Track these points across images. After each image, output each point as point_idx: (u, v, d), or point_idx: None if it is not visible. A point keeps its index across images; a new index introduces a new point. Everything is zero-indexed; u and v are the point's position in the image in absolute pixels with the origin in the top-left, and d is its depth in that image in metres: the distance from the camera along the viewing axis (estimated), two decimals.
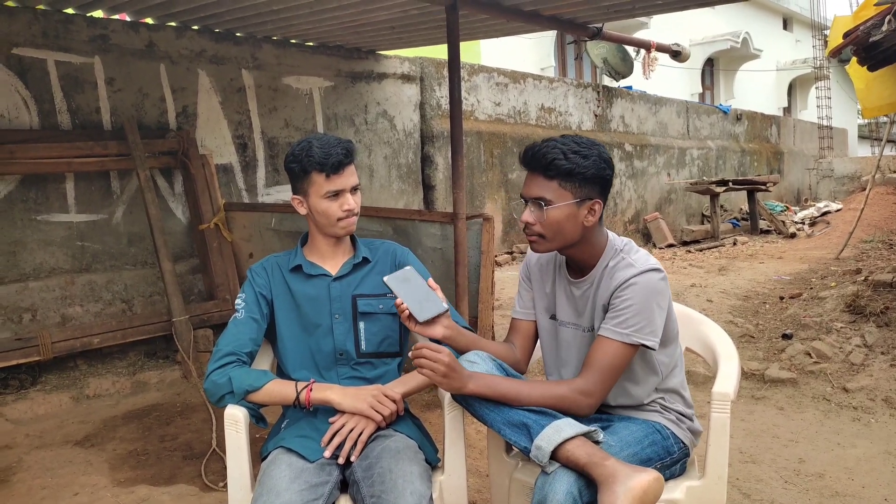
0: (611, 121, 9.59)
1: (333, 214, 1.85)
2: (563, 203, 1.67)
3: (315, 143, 1.83)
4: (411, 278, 1.77)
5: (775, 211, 11.41)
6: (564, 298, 1.84)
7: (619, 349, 1.66)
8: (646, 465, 1.66)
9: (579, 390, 1.65)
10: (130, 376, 4.12)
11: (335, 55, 5.61)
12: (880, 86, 5.67)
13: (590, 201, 1.69)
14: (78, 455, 3.15)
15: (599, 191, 1.70)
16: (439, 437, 1.91)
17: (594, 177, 1.67)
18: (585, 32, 4.55)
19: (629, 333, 1.65)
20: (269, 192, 5.27)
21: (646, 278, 1.67)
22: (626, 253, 1.74)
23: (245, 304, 1.90)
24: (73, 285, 4.27)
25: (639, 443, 1.71)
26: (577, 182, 1.67)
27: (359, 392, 1.78)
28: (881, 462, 2.86)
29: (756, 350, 4.31)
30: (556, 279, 1.87)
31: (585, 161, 1.65)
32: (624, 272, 1.69)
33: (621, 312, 1.66)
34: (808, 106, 19.12)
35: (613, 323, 1.67)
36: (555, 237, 1.71)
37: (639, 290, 1.66)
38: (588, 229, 1.71)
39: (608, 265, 1.74)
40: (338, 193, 1.84)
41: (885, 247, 7.75)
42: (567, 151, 1.65)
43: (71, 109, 4.25)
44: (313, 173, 1.82)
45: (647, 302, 1.66)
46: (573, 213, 1.68)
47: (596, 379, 1.66)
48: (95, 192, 4.36)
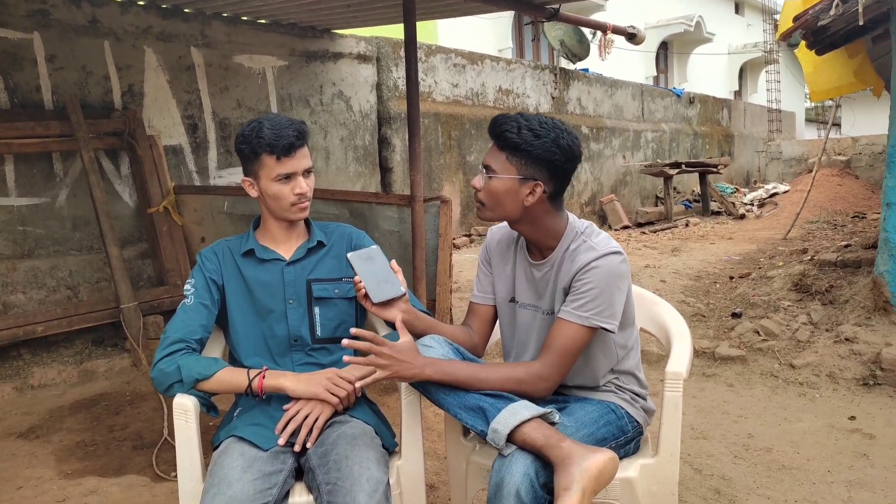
0: (568, 103, 9.64)
1: (285, 198, 1.80)
2: (505, 175, 1.67)
3: (266, 123, 1.77)
4: (375, 257, 1.74)
5: (726, 193, 11.68)
6: (525, 280, 1.84)
7: (578, 332, 1.66)
8: (601, 444, 1.68)
9: (537, 374, 1.66)
10: (77, 365, 3.99)
11: (289, 34, 5.48)
12: (828, 69, 5.82)
13: (532, 181, 1.66)
14: (21, 448, 3.04)
15: (546, 175, 1.67)
16: (396, 421, 1.89)
17: (541, 158, 1.65)
18: (542, 14, 4.53)
19: (589, 317, 1.65)
20: (222, 174, 5.14)
21: (607, 261, 1.66)
22: (587, 236, 1.73)
23: (195, 289, 1.84)
24: (14, 272, 4.10)
25: (594, 423, 1.72)
26: (523, 159, 1.65)
27: (313, 377, 1.75)
28: (825, 435, 2.96)
29: (707, 329, 4.41)
30: (515, 261, 1.86)
31: (535, 140, 1.63)
32: (585, 255, 1.68)
33: (582, 295, 1.65)
34: (759, 89, 19.57)
35: (574, 306, 1.66)
36: (493, 207, 1.72)
37: (600, 273, 1.65)
38: (531, 210, 1.70)
39: (569, 248, 1.73)
40: (289, 176, 1.79)
41: (830, 227, 8.02)
42: (522, 127, 1.64)
43: (9, 88, 4.06)
44: (264, 155, 1.77)
45: (608, 285, 1.65)
46: (514, 189, 1.67)
47: (553, 361, 1.66)
48: (37, 175, 4.18)
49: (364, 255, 1.74)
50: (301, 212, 1.85)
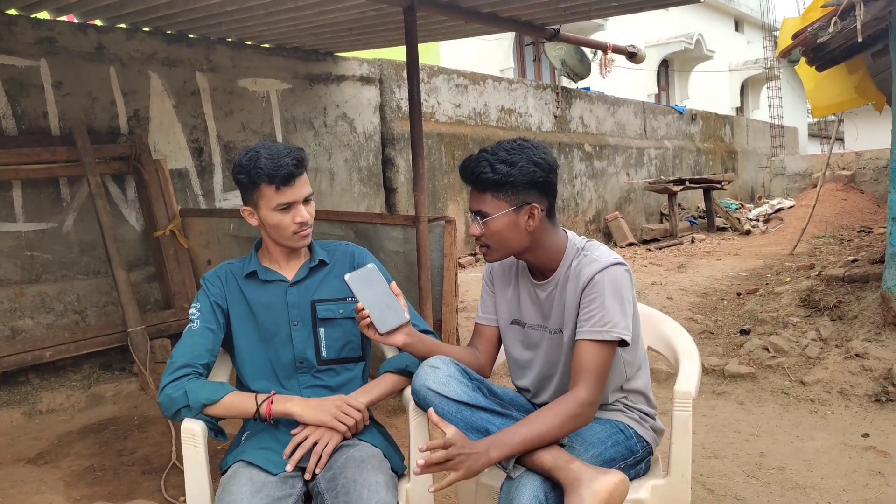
0: (570, 121, 9.68)
1: (286, 227, 1.79)
2: (499, 213, 1.66)
3: (263, 153, 1.74)
4: (374, 280, 1.69)
5: (731, 209, 11.67)
6: (529, 302, 1.83)
7: (602, 349, 1.64)
8: (610, 465, 1.66)
9: (585, 403, 1.60)
10: (85, 390, 3.99)
11: (292, 57, 5.54)
12: (829, 85, 5.84)
13: (527, 206, 1.67)
14: (30, 473, 3.03)
15: (537, 194, 1.67)
16: (405, 443, 1.88)
17: (526, 183, 1.65)
18: (543, 34, 4.57)
19: (607, 330, 1.63)
20: (227, 196, 5.17)
21: (611, 273, 1.66)
22: (587, 251, 1.73)
23: (200, 313, 1.83)
24: (22, 297, 4.11)
25: (602, 443, 1.71)
26: (509, 190, 1.65)
27: (321, 403, 1.73)
28: (838, 453, 2.92)
29: (715, 346, 4.38)
30: (518, 283, 1.85)
31: (512, 169, 1.63)
32: (589, 269, 1.67)
33: (594, 312, 1.64)
34: (761, 105, 19.63)
35: (590, 325, 1.64)
36: (501, 246, 1.71)
37: (605, 286, 1.65)
38: (535, 234, 1.70)
39: (571, 265, 1.72)
40: (290, 206, 1.77)
41: (836, 242, 8.00)
42: (494, 162, 1.64)
43: (16, 114, 4.10)
44: (262, 185, 1.75)
45: (616, 296, 1.65)
46: (513, 221, 1.67)
47: (592, 384, 1.62)
48: (44, 200, 4.21)
49: (363, 277, 1.68)
50: (302, 239, 1.84)
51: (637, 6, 4.28)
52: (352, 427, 1.72)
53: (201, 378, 1.77)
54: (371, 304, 1.66)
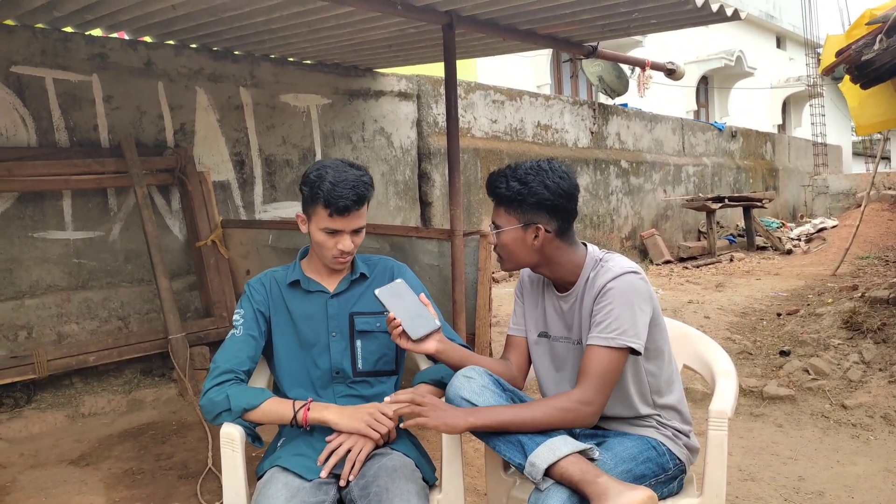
0: (607, 138, 9.64)
1: (328, 250, 1.84)
2: (508, 228, 1.75)
3: (330, 174, 1.77)
4: (403, 293, 1.76)
5: (771, 227, 11.45)
6: (554, 314, 1.86)
7: (608, 355, 1.66)
8: (640, 481, 1.66)
9: (579, 400, 1.64)
10: (126, 394, 4.10)
11: (332, 73, 5.65)
12: (873, 103, 5.72)
13: (533, 226, 1.73)
14: (73, 474, 3.12)
15: (545, 216, 1.73)
16: (437, 455, 1.90)
17: (534, 203, 1.71)
18: (581, 51, 4.58)
19: (614, 337, 1.65)
20: (267, 208, 5.28)
21: (622, 281, 1.69)
22: (604, 262, 1.78)
23: (243, 320, 1.88)
24: (69, 303, 4.25)
25: (633, 459, 1.70)
26: (519, 208, 1.73)
27: (356, 411, 1.76)
28: (881, 480, 2.84)
29: (754, 367, 4.30)
30: (544, 296, 1.90)
31: (524, 188, 1.70)
32: (602, 278, 1.72)
33: (603, 318, 1.68)
34: (803, 123, 19.27)
35: (598, 330, 1.68)
36: (509, 259, 1.79)
37: (617, 293, 1.68)
38: (544, 252, 1.76)
39: (589, 276, 1.77)
40: (337, 232, 1.82)
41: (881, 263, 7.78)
42: (510, 179, 1.72)
43: (69, 127, 4.26)
44: (319, 206, 1.79)
45: (627, 304, 1.67)
46: (520, 237, 1.75)
47: (592, 386, 1.65)
48: (92, 210, 4.36)
49: (392, 290, 1.76)
50: (340, 265, 1.88)
51: (677, 23, 4.26)
52: (384, 435, 1.75)
53: (242, 384, 1.81)
54: (402, 314, 1.72)
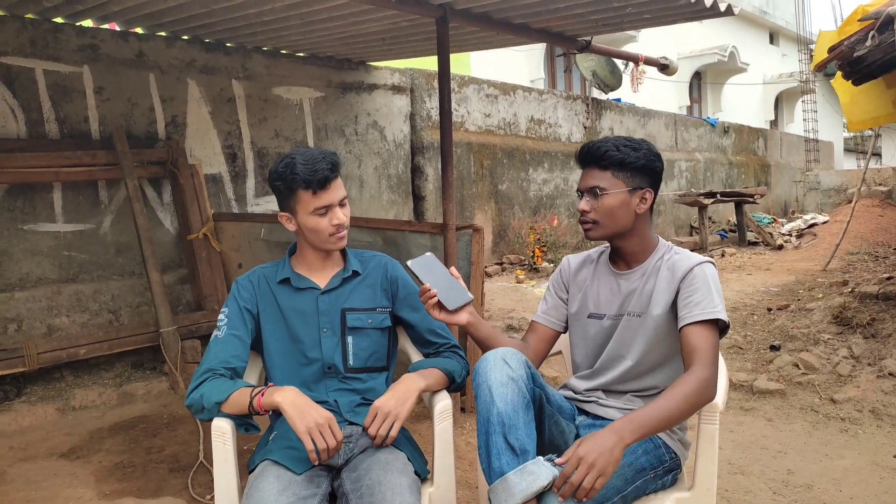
0: (600, 133, 9.65)
1: (324, 230, 1.83)
2: (616, 190, 1.80)
3: (298, 159, 1.78)
4: (434, 264, 1.80)
5: (763, 223, 11.50)
6: (608, 293, 1.90)
7: (710, 330, 1.70)
8: (642, 473, 1.71)
9: (708, 381, 1.64)
10: (117, 388, 4.08)
11: (326, 66, 5.62)
12: (865, 100, 5.74)
13: (641, 190, 1.81)
14: (63, 467, 3.11)
15: (650, 181, 1.82)
16: (428, 448, 1.90)
17: (644, 167, 1.80)
18: (574, 45, 4.58)
19: (713, 311, 1.71)
20: (259, 202, 5.26)
21: (707, 268, 1.79)
22: (677, 250, 1.86)
23: (227, 319, 1.87)
24: (59, 295, 4.23)
25: (632, 452, 1.71)
26: (629, 172, 1.80)
27: (310, 411, 1.64)
28: (869, 473, 2.87)
29: (744, 361, 4.33)
30: (595, 276, 1.94)
31: (636, 153, 1.79)
32: (687, 262, 1.79)
33: (700, 298, 1.73)
34: (795, 119, 19.33)
35: (697, 309, 1.72)
36: (608, 223, 1.82)
37: (706, 276, 1.76)
38: (639, 218, 1.83)
39: (663, 257, 1.84)
40: (327, 209, 1.81)
41: (871, 259, 7.83)
42: (619, 145, 1.80)
43: (59, 118, 4.23)
44: (300, 191, 1.79)
45: (714, 286, 1.75)
46: (626, 201, 1.80)
47: (707, 362, 1.66)
48: (83, 202, 4.33)
49: (423, 262, 1.79)
50: (339, 241, 1.88)
51: (670, 18, 4.26)
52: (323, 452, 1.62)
53: (220, 378, 1.77)
54: (437, 285, 1.75)
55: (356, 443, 1.80)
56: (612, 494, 1.63)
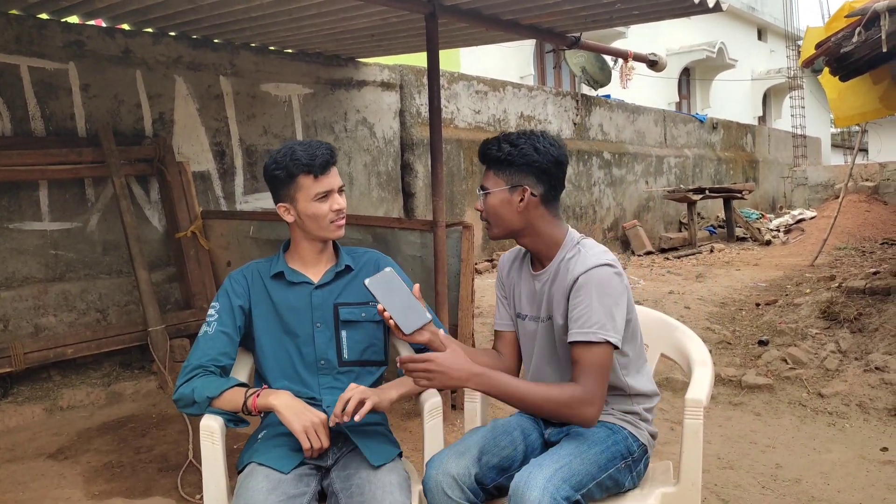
0: (590, 129, 9.66)
1: (324, 216, 1.84)
2: (496, 189, 1.77)
3: (297, 147, 1.83)
4: (393, 283, 1.71)
5: (751, 218, 11.56)
6: (526, 292, 1.88)
7: (596, 350, 1.65)
8: (613, 462, 1.72)
9: (580, 399, 1.63)
10: (105, 387, 4.05)
11: (314, 62, 5.60)
12: (852, 96, 5.78)
13: (520, 188, 1.75)
14: (51, 468, 3.09)
15: (533, 179, 1.75)
16: (419, 445, 1.90)
17: (522, 164, 1.74)
18: (564, 42, 4.58)
19: (595, 331, 1.65)
20: (248, 199, 5.23)
21: (598, 274, 1.69)
22: (582, 246, 1.78)
23: (217, 315, 1.86)
24: (46, 294, 4.19)
25: (604, 441, 1.74)
26: (507, 170, 1.75)
27: (304, 412, 1.71)
28: (856, 467, 2.90)
29: (733, 356, 4.35)
30: (521, 277, 1.91)
31: (514, 149, 1.73)
32: (578, 267, 1.71)
33: (581, 313, 1.67)
34: (783, 115, 19.43)
35: (577, 326, 1.67)
36: (496, 223, 1.80)
37: (593, 287, 1.68)
38: (528, 217, 1.77)
39: (565, 257, 1.78)
40: (327, 194, 1.83)
41: (858, 253, 7.90)
42: (501, 142, 1.76)
43: (45, 116, 4.19)
44: (300, 176, 1.81)
45: (603, 298, 1.67)
46: (507, 199, 1.76)
47: (590, 382, 1.64)
48: (69, 200, 4.29)
49: (382, 281, 1.69)
50: (339, 229, 1.89)
51: (658, 14, 4.27)
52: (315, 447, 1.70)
53: (212, 375, 1.80)
54: (393, 308, 1.67)
55: (345, 442, 1.80)
56: (587, 481, 1.64)
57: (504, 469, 1.74)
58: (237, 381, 1.81)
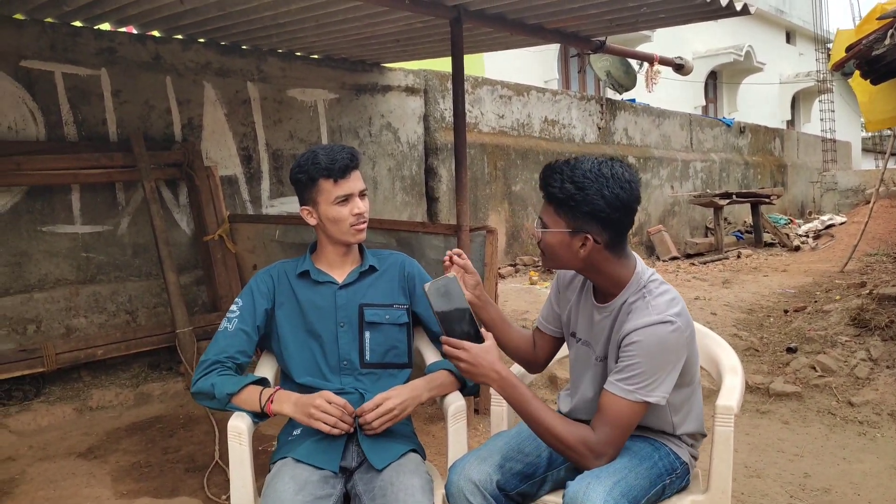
0: (614, 133, 9.61)
1: (345, 220, 1.87)
2: (556, 230, 1.62)
3: (320, 151, 1.86)
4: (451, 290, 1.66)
5: (779, 224, 11.39)
6: (585, 318, 1.79)
7: (627, 406, 1.58)
8: (661, 479, 1.69)
9: (591, 449, 1.59)
10: (134, 388, 4.12)
11: (340, 68, 5.65)
12: (883, 99, 5.68)
13: (582, 234, 1.59)
14: (81, 467, 3.15)
15: (598, 226, 1.58)
16: (442, 450, 1.90)
17: (587, 212, 1.57)
18: (588, 46, 4.56)
19: (633, 391, 1.57)
20: (274, 203, 5.29)
21: (655, 332, 1.56)
22: (648, 292, 1.64)
23: (239, 312, 1.90)
24: (77, 296, 4.27)
25: (649, 457, 1.71)
26: (570, 212, 1.59)
27: (305, 400, 1.75)
28: (888, 477, 2.84)
29: (761, 363, 4.29)
30: (581, 298, 1.81)
31: (579, 194, 1.56)
32: (638, 319, 1.59)
33: (627, 369, 1.58)
34: (812, 119, 19.13)
35: (618, 378, 1.59)
36: (552, 259, 1.68)
37: (646, 346, 1.56)
38: (590, 261, 1.63)
39: (628, 300, 1.65)
40: (347, 198, 1.86)
41: (889, 260, 7.74)
42: (565, 180, 1.57)
43: (77, 121, 4.28)
44: (321, 180, 1.84)
45: (655, 359, 1.57)
46: (566, 242, 1.62)
47: (608, 436, 1.59)
48: (101, 204, 4.38)
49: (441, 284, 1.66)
50: (359, 233, 1.91)
51: (685, 18, 4.24)
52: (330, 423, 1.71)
53: (229, 371, 1.85)
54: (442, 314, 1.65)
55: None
56: (640, 496, 1.62)
57: (527, 476, 1.73)
58: (255, 377, 1.85)
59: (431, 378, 1.88)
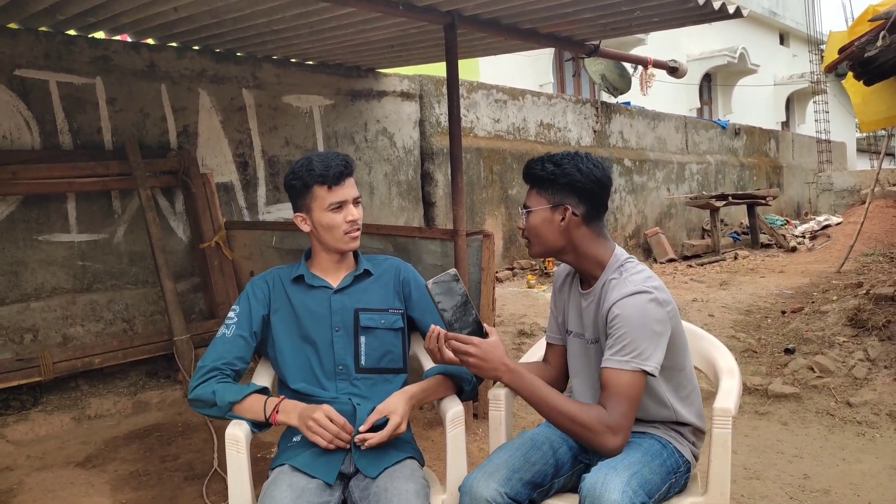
0: (609, 136, 9.63)
1: (338, 227, 1.87)
2: (538, 208, 1.78)
3: (314, 158, 1.87)
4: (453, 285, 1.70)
5: (775, 225, 11.42)
6: (574, 310, 1.88)
7: (627, 376, 1.64)
8: (670, 475, 1.72)
9: (606, 424, 1.63)
10: (132, 396, 4.11)
11: (335, 74, 5.65)
12: (877, 100, 5.71)
13: (561, 207, 1.76)
14: (79, 476, 3.13)
15: (575, 198, 1.75)
16: (441, 455, 1.90)
17: (565, 184, 1.74)
18: (583, 50, 4.58)
19: (628, 360, 1.64)
20: (270, 210, 5.28)
21: (634, 301, 1.67)
22: (624, 269, 1.76)
23: (237, 318, 1.90)
24: (74, 305, 4.26)
25: (658, 455, 1.73)
26: (550, 189, 1.77)
27: (305, 411, 1.76)
28: (887, 477, 2.84)
29: (759, 365, 4.30)
30: (570, 293, 1.92)
31: (557, 168, 1.75)
32: (616, 292, 1.70)
33: (616, 342, 1.67)
34: (807, 120, 19.19)
35: (612, 353, 1.67)
36: (537, 241, 1.81)
37: (627, 316, 1.66)
38: (570, 236, 1.77)
39: (608, 279, 1.77)
40: (341, 205, 1.86)
41: (886, 260, 7.76)
42: (545, 161, 1.78)
43: (72, 130, 4.28)
44: (315, 187, 1.85)
45: (639, 328, 1.65)
46: (548, 218, 1.77)
47: (619, 410, 1.64)
48: (97, 212, 4.37)
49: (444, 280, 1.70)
50: (353, 241, 1.91)
51: (678, 21, 4.25)
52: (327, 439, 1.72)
53: (229, 379, 1.84)
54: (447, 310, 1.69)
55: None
56: (654, 491, 1.66)
57: (537, 485, 1.74)
58: (257, 386, 1.85)
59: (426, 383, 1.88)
